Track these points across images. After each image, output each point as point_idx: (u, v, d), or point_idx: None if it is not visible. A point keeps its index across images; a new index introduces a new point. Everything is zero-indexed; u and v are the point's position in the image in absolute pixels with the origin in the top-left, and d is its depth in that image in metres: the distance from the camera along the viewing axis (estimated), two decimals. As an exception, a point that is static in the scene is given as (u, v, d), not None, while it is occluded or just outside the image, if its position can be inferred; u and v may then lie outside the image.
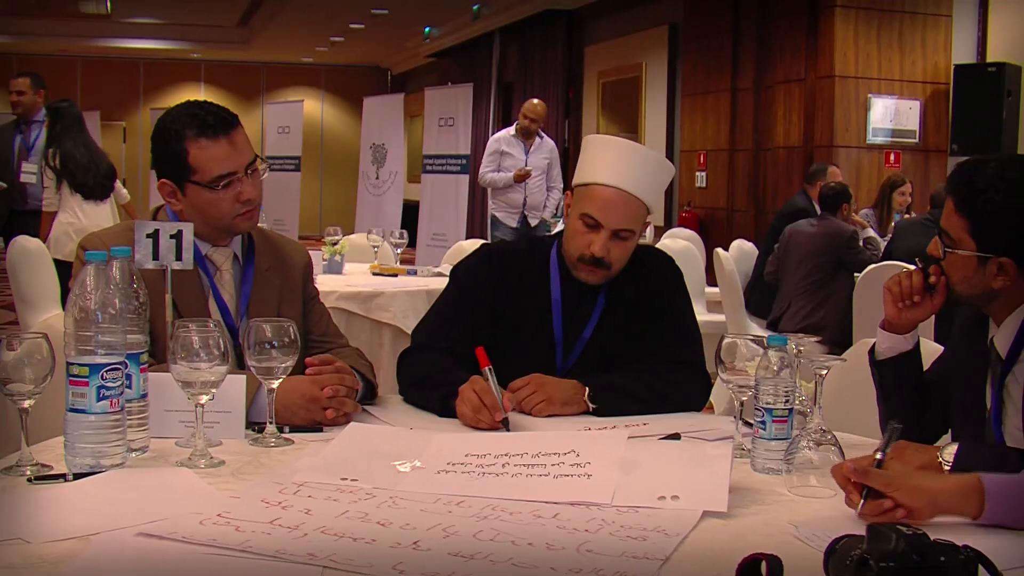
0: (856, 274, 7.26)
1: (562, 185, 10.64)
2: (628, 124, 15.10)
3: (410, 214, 13.37)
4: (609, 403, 2.97)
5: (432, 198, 13.13)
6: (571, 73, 16.91)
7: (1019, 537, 1.95)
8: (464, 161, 12.69)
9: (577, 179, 3.21)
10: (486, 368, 2.79)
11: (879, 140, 11.31)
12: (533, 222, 10.39)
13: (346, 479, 2.21)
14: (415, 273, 7.06)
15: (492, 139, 10.73)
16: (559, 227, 3.22)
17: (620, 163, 3.13)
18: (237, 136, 3.01)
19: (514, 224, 10.39)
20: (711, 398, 3.60)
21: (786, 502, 2.19)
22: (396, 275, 6.84)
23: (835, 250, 7.67)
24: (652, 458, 2.31)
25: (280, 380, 2.50)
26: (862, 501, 1.98)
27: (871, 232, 8.75)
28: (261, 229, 3.26)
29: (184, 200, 3.01)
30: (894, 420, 2.24)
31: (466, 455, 2.34)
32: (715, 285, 8.35)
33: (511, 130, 10.51)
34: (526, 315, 3.21)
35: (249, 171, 3.01)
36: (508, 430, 2.71)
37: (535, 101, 10.56)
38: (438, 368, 3.01)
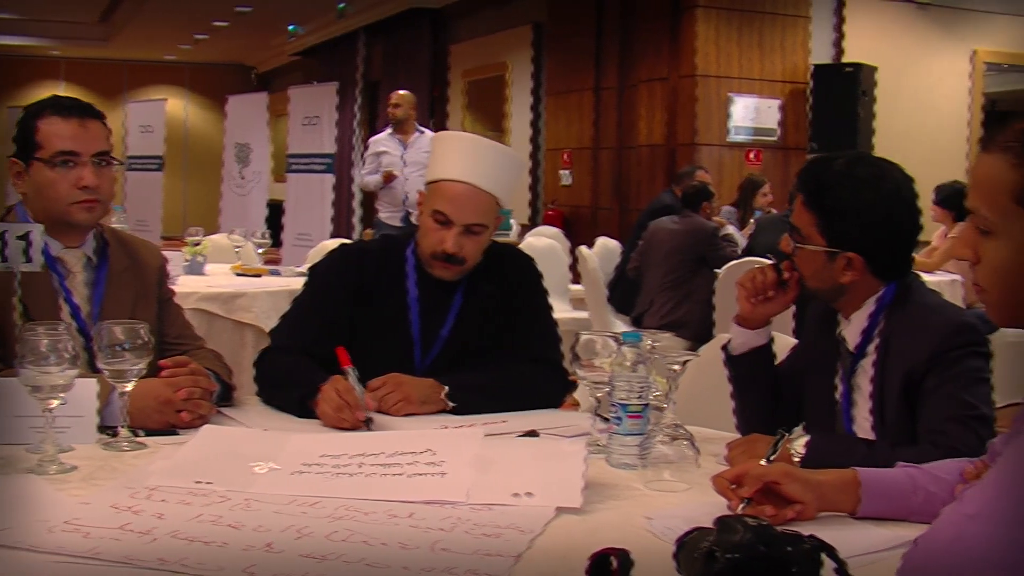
0: (717, 270, 7.35)
1: None
2: (493, 123, 15.13)
3: (276, 214, 13.22)
4: (467, 401, 2.98)
5: (297, 198, 12.97)
6: (436, 72, 16.89)
7: (861, 526, 2.00)
8: (329, 160, 12.55)
9: (428, 176, 3.23)
10: (348, 368, 2.78)
11: (740, 138, 11.48)
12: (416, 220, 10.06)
13: (200, 482, 2.18)
14: (278, 273, 7.00)
15: (371, 141, 10.55)
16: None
17: (469, 158, 3.15)
18: (91, 124, 3.00)
19: (398, 223, 10.11)
20: (577, 395, 3.62)
21: (640, 497, 2.21)
22: (258, 275, 6.78)
23: (697, 247, 7.75)
24: (507, 455, 2.33)
25: (133, 383, 2.46)
26: (742, 505, 1.99)
27: (730, 229, 8.88)
28: (115, 230, 3.21)
29: (28, 180, 2.99)
30: (782, 428, 2.28)
31: (321, 456, 2.33)
32: (580, 283, 8.40)
33: (389, 129, 10.35)
34: (383, 314, 3.21)
35: (96, 161, 2.98)
36: (371, 429, 2.71)
37: (400, 91, 10.48)
38: (296, 369, 2.99)
